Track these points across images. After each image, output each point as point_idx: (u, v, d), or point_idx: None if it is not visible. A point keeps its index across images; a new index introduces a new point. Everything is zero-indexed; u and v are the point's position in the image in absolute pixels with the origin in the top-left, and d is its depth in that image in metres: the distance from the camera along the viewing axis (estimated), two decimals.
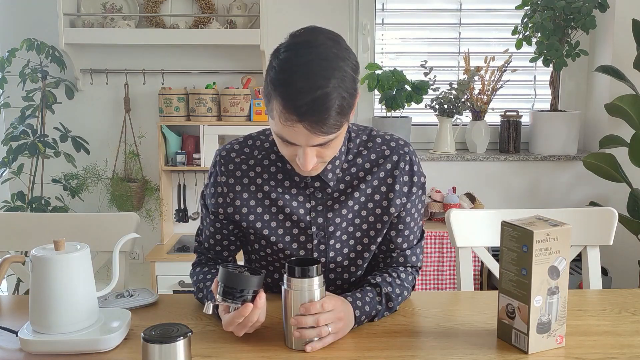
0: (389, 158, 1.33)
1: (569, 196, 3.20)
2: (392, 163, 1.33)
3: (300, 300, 1.09)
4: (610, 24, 3.04)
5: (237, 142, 1.36)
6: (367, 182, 1.32)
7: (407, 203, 1.34)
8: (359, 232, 1.33)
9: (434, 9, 3.24)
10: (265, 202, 1.32)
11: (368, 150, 1.33)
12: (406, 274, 1.36)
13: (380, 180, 1.32)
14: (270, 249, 1.34)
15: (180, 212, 3.21)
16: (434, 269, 2.83)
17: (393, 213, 1.33)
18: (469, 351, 1.11)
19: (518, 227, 1.09)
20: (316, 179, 1.30)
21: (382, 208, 1.32)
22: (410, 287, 1.37)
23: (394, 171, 1.32)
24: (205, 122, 2.96)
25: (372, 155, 1.33)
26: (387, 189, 1.32)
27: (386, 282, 1.29)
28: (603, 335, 1.18)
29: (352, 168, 1.32)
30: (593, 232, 1.61)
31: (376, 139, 1.35)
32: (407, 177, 1.33)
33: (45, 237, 1.26)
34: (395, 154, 1.33)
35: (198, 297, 1.35)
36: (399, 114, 3.13)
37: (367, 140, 1.34)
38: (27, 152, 2.79)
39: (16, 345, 1.13)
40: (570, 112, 3.12)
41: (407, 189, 1.33)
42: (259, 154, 1.33)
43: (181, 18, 3.05)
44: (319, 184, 1.30)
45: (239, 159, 1.33)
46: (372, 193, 1.32)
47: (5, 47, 2.96)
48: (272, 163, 1.32)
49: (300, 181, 1.30)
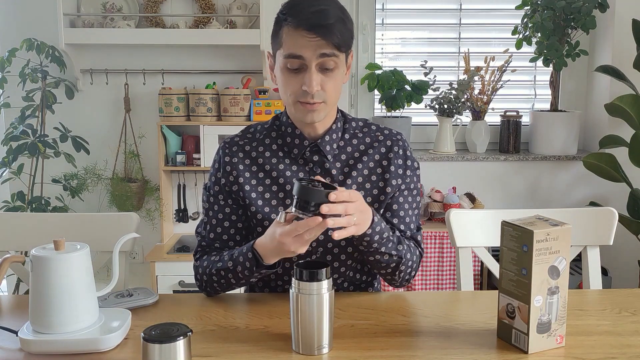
0: (382, 142, 1.43)
1: (569, 196, 3.20)
2: (386, 147, 1.42)
3: (308, 303, 1.08)
4: (610, 24, 3.04)
5: (238, 132, 1.47)
6: (363, 162, 1.40)
7: (402, 184, 1.41)
8: None
9: (434, 9, 3.24)
10: (266, 181, 1.39)
11: (363, 133, 1.44)
12: (413, 245, 1.41)
13: (376, 162, 1.41)
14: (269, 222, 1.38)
15: (180, 212, 3.21)
16: (434, 269, 2.83)
17: (389, 193, 1.40)
18: (469, 351, 1.11)
19: (518, 227, 1.09)
20: (315, 152, 1.38)
21: (378, 189, 1.40)
22: (415, 254, 1.39)
23: (388, 154, 1.42)
24: (205, 122, 2.96)
25: (367, 138, 1.43)
26: (383, 170, 1.41)
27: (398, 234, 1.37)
28: (603, 335, 1.18)
29: (347, 147, 1.41)
30: (593, 232, 1.61)
31: (371, 126, 1.46)
32: (401, 161, 1.42)
33: (45, 237, 1.26)
34: (389, 140, 1.43)
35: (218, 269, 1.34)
36: (399, 114, 3.14)
37: (362, 126, 1.45)
38: (27, 152, 2.79)
39: (16, 345, 1.13)
40: (570, 112, 3.12)
41: (402, 171, 1.42)
42: (260, 135, 1.43)
43: (181, 18, 3.05)
44: (317, 157, 1.39)
45: (242, 142, 1.43)
46: (369, 174, 1.40)
47: (5, 47, 2.96)
48: (273, 141, 1.42)
49: (299, 155, 1.38)
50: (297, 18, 1.24)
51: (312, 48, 1.25)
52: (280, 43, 1.29)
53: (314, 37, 1.24)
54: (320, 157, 1.39)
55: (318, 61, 1.26)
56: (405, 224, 1.42)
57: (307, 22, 1.23)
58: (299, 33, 1.24)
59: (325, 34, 1.24)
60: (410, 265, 1.37)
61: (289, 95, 1.32)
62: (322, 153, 1.39)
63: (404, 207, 1.41)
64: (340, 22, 1.25)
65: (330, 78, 1.29)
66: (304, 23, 1.23)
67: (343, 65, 1.32)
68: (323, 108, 1.32)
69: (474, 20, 3.26)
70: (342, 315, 1.27)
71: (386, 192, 1.39)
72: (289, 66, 1.28)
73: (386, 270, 1.35)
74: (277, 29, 1.30)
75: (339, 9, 1.28)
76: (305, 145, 1.38)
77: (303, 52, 1.25)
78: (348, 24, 1.29)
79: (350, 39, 1.31)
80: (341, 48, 1.28)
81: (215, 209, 1.42)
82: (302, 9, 1.25)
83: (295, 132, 1.39)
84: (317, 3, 1.25)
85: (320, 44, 1.24)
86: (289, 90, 1.31)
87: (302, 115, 1.33)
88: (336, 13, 1.25)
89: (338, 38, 1.25)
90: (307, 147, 1.38)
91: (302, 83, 1.28)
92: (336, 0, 1.30)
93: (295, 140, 1.39)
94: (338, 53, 1.27)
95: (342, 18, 1.26)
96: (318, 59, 1.26)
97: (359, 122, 1.46)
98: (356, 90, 3.24)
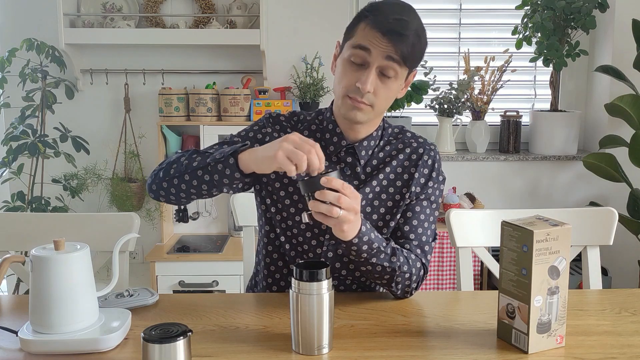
0: (415, 149, 1.43)
1: (569, 196, 3.20)
2: (417, 154, 1.43)
3: (308, 303, 1.08)
4: (610, 24, 3.04)
5: (285, 113, 1.48)
6: (392, 166, 1.41)
7: (421, 194, 1.41)
8: (376, 214, 1.39)
9: (434, 9, 3.24)
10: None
11: (397, 140, 1.45)
12: (413, 256, 1.37)
13: (404, 167, 1.41)
14: (280, 216, 1.39)
15: (180, 212, 3.20)
16: (434, 269, 2.83)
17: (407, 199, 1.39)
18: (469, 351, 1.11)
19: (518, 227, 1.09)
20: (350, 154, 1.39)
21: (400, 194, 1.40)
22: (415, 267, 1.35)
23: (418, 161, 1.42)
24: (205, 122, 2.97)
25: (400, 145, 1.44)
26: (409, 176, 1.41)
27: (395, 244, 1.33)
28: (603, 335, 1.18)
29: (380, 153, 1.42)
30: (593, 232, 1.61)
31: (407, 133, 1.47)
32: (428, 170, 1.42)
33: (45, 237, 1.26)
34: (422, 148, 1.44)
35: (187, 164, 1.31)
36: (399, 114, 3.14)
37: (398, 132, 1.46)
38: (27, 152, 2.79)
39: (16, 345, 1.13)
40: (570, 112, 3.12)
41: (424, 180, 1.41)
42: (301, 125, 1.44)
43: (181, 18, 3.05)
44: (350, 159, 1.40)
45: (286, 123, 1.45)
46: (394, 178, 1.40)
47: (5, 47, 2.96)
48: (311, 134, 1.42)
49: (334, 153, 1.39)
50: (377, 18, 1.26)
51: (381, 49, 1.26)
52: (353, 34, 1.30)
53: (386, 41, 1.25)
54: (354, 160, 1.39)
55: (381, 64, 1.27)
56: (417, 234, 1.39)
57: (386, 26, 1.25)
58: (374, 33, 1.26)
59: (398, 41, 1.25)
60: (409, 277, 1.33)
61: (341, 87, 1.32)
62: (356, 156, 1.39)
63: (419, 216, 1.40)
64: (415, 37, 1.27)
65: (386, 85, 1.29)
66: (383, 26, 1.25)
67: (402, 79, 1.32)
68: (369, 111, 1.31)
69: (474, 20, 3.26)
70: (342, 315, 1.27)
71: (405, 198, 1.39)
72: (353, 59, 1.29)
73: (381, 281, 1.33)
74: (355, 22, 1.32)
75: (419, 25, 1.30)
76: (342, 145, 1.38)
77: (372, 48, 1.26)
78: (422, 43, 1.30)
79: (419, 58, 1.32)
80: (407, 62, 1.28)
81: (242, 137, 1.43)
82: (385, 13, 1.27)
83: (336, 130, 1.40)
84: (401, 12, 1.28)
85: (389, 49, 1.25)
86: (343, 82, 1.31)
87: (346, 110, 1.32)
88: (415, 28, 1.27)
89: (407, 50, 1.26)
90: (344, 148, 1.39)
91: (357, 79, 1.28)
92: (419, 18, 1.32)
93: (334, 138, 1.39)
94: (402, 64, 1.28)
95: (418, 34, 1.28)
96: (382, 61, 1.27)
97: (395, 128, 1.47)
98: None
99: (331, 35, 3.07)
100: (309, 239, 1.38)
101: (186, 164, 1.31)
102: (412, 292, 1.38)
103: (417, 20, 1.31)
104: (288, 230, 1.40)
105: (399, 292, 1.35)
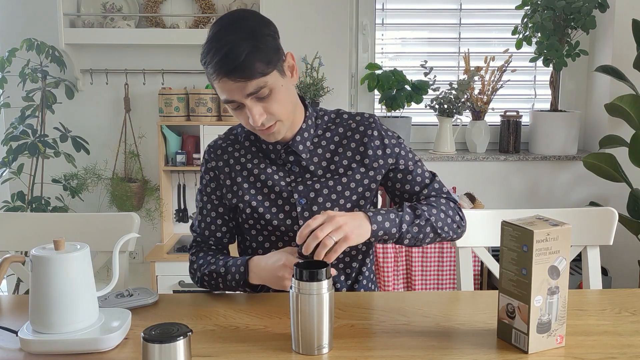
0: (356, 129, 1.44)
1: (569, 196, 3.20)
2: (359, 133, 1.44)
3: (308, 303, 1.08)
4: (610, 24, 3.04)
5: (222, 135, 1.51)
6: (340, 154, 1.43)
7: (389, 157, 1.43)
8: (345, 200, 1.42)
9: (434, 9, 3.24)
10: (250, 179, 1.43)
11: (336, 125, 1.46)
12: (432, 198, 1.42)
13: (353, 150, 1.43)
14: (260, 224, 1.43)
15: (180, 212, 3.21)
16: (434, 269, 2.83)
17: (375, 176, 1.43)
18: (469, 351, 1.11)
19: (518, 227, 1.09)
20: (290, 153, 1.42)
21: (361, 174, 1.42)
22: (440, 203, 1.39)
23: (363, 139, 1.43)
24: (205, 122, 2.97)
25: (340, 129, 1.45)
26: (361, 156, 1.42)
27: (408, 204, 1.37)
28: (603, 335, 1.18)
29: (322, 141, 1.44)
30: (593, 232, 1.61)
31: (343, 115, 1.48)
32: (378, 141, 1.43)
33: (45, 237, 1.26)
34: (361, 125, 1.45)
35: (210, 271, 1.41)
36: (399, 114, 3.14)
37: (335, 117, 1.47)
38: (27, 152, 2.79)
39: (16, 345, 1.13)
40: (570, 112, 3.12)
41: (381, 151, 1.43)
42: (242, 138, 1.47)
43: (181, 18, 3.05)
44: (292, 157, 1.42)
45: (225, 144, 1.47)
46: (349, 164, 1.42)
47: (5, 47, 2.96)
48: (252, 143, 1.46)
49: (276, 158, 1.43)
50: (213, 68, 1.24)
51: (238, 91, 1.25)
52: (214, 86, 1.30)
53: (235, 80, 1.23)
54: (296, 157, 1.42)
55: (250, 98, 1.27)
56: (420, 184, 1.44)
57: (222, 70, 1.23)
58: (222, 80, 1.25)
59: (243, 74, 1.22)
60: (445, 212, 1.38)
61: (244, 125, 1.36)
62: (296, 153, 1.42)
63: (408, 173, 1.44)
64: (252, 53, 1.22)
65: (272, 100, 1.29)
66: (220, 71, 1.24)
67: (278, 80, 1.29)
68: (280, 125, 1.34)
69: (474, 20, 3.26)
70: (342, 315, 1.27)
71: (375, 178, 1.43)
72: (230, 107, 1.32)
73: (431, 238, 1.36)
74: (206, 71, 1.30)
75: (248, 35, 1.24)
76: (278, 149, 1.42)
77: (233, 97, 1.27)
78: (264, 45, 1.24)
79: (273, 56, 1.27)
80: (265, 73, 1.25)
81: (208, 208, 1.48)
82: (214, 56, 1.23)
83: None
84: (224, 43, 1.23)
85: (242, 86, 1.24)
86: (242, 123, 1.36)
87: (264, 137, 1.38)
88: (245, 46, 1.22)
89: (256, 71, 1.23)
90: (281, 150, 1.42)
91: (247, 118, 1.31)
92: (245, 26, 1.25)
93: (270, 145, 1.43)
94: (265, 79, 1.25)
95: (253, 46, 1.22)
96: (248, 97, 1.26)
97: (331, 114, 1.48)
98: (356, 90, 3.24)
99: (331, 35, 3.09)
100: (283, 221, 1.42)
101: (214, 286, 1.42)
102: (462, 223, 1.42)
103: (246, 27, 1.25)
104: (262, 217, 1.43)
105: (451, 232, 1.39)
